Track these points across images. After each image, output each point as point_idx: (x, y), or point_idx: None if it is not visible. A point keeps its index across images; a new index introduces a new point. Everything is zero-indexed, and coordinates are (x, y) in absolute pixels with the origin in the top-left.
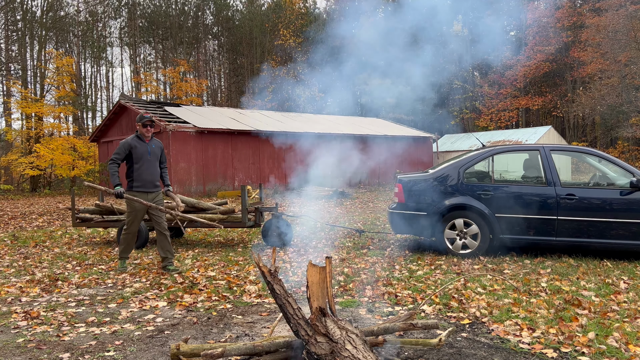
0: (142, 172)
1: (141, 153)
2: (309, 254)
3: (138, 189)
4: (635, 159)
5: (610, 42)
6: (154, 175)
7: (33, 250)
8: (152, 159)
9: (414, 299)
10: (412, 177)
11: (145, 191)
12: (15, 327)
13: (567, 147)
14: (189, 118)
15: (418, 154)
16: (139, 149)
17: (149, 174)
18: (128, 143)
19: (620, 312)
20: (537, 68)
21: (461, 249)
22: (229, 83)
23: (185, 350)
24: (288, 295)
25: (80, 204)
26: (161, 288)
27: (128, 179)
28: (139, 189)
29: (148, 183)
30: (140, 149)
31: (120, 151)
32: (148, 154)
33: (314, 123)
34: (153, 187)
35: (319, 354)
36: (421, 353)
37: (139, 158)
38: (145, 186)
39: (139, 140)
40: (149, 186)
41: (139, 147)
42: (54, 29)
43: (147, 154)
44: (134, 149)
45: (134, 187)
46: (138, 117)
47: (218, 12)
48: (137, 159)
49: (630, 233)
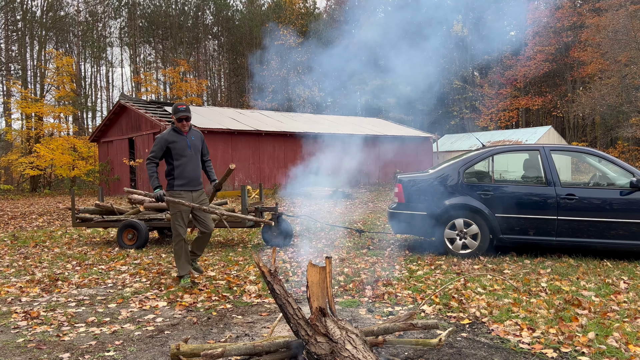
0: (183, 169)
1: (181, 148)
2: (309, 254)
3: (180, 189)
4: (635, 159)
5: (610, 42)
6: (197, 172)
7: (33, 250)
8: (193, 153)
9: (414, 299)
10: (412, 177)
11: (188, 190)
12: (15, 327)
13: (567, 147)
14: None
15: (418, 154)
16: (177, 143)
17: (191, 171)
18: (164, 138)
19: (620, 312)
20: (537, 68)
21: (461, 249)
22: (229, 83)
23: (185, 350)
24: (288, 295)
25: (80, 204)
26: (161, 288)
27: (168, 177)
28: (182, 188)
29: (191, 181)
30: (180, 144)
31: (156, 148)
32: (188, 148)
33: (314, 123)
34: (197, 184)
35: (319, 354)
36: (421, 353)
37: (179, 154)
38: (188, 184)
39: (176, 133)
40: (193, 184)
41: (178, 142)
42: (54, 29)
43: (187, 147)
44: (172, 145)
45: (175, 186)
46: (173, 108)
47: (218, 12)
48: (177, 155)
49: (630, 233)
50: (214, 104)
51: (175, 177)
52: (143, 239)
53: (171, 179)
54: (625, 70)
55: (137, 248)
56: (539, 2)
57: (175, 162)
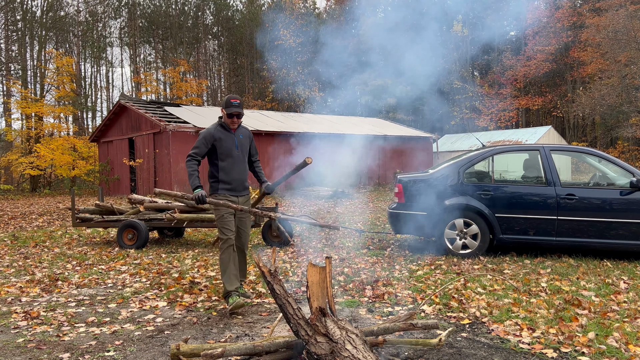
0: (229, 171)
1: (227, 147)
2: (309, 254)
3: (225, 192)
4: (635, 159)
5: (610, 42)
6: (244, 174)
7: (33, 250)
8: (240, 154)
9: (414, 299)
10: (412, 177)
11: (234, 195)
12: (15, 327)
13: (567, 147)
14: (189, 118)
15: (418, 154)
16: (224, 141)
17: (237, 173)
18: (211, 134)
19: (620, 312)
20: (537, 68)
21: (461, 249)
22: (229, 83)
23: (185, 350)
24: (288, 295)
25: (80, 204)
26: (161, 288)
27: (211, 180)
28: (226, 192)
29: (237, 184)
30: (226, 142)
31: (200, 144)
32: (236, 147)
33: (314, 123)
34: (243, 189)
35: (319, 354)
36: (421, 353)
37: (225, 153)
38: (234, 189)
39: (223, 129)
40: (239, 188)
41: (225, 139)
42: (54, 29)
43: (235, 147)
44: (218, 142)
45: (219, 190)
46: (224, 101)
47: (218, 12)
48: (223, 154)
49: (630, 233)
50: (214, 104)
51: (219, 180)
52: (143, 239)
53: (214, 182)
54: (625, 70)
55: (137, 248)
56: (539, 2)
57: (221, 162)
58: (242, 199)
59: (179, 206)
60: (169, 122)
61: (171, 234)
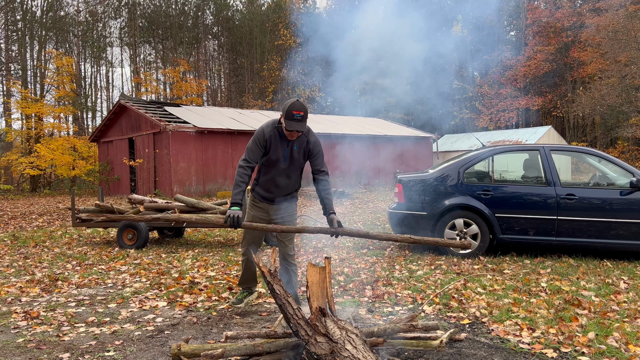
0: (268, 181)
1: (275, 156)
2: (309, 254)
3: (259, 196)
4: (635, 159)
5: (610, 42)
6: (286, 188)
7: (33, 250)
8: (287, 168)
9: (414, 299)
10: (412, 177)
11: (267, 201)
12: (15, 327)
13: (567, 147)
14: (189, 118)
15: (418, 154)
16: (273, 149)
17: (276, 187)
18: (263, 137)
19: (620, 312)
20: (537, 68)
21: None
22: (229, 83)
23: (186, 350)
24: (288, 295)
25: (80, 204)
26: (161, 288)
27: (255, 179)
28: (260, 196)
29: (275, 196)
30: (276, 150)
31: (254, 147)
32: (284, 160)
33: (315, 123)
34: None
35: (319, 354)
36: (421, 353)
37: (271, 163)
38: (269, 199)
39: (278, 134)
40: (275, 199)
41: (275, 147)
42: (54, 29)
43: (283, 159)
44: (269, 148)
45: (255, 192)
46: (286, 109)
47: (218, 12)
48: (269, 162)
49: (630, 233)
50: (214, 104)
51: (259, 183)
52: (143, 239)
53: (255, 183)
54: (625, 70)
55: (137, 248)
56: (539, 2)
57: (264, 168)
58: (275, 206)
59: (178, 206)
60: (169, 122)
61: (171, 234)
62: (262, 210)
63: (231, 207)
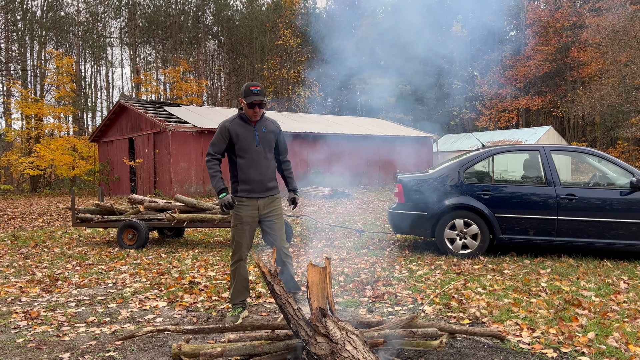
0: (247, 170)
1: (246, 141)
2: (309, 254)
3: (244, 195)
4: (635, 159)
5: (610, 42)
6: (265, 173)
7: (33, 250)
8: (261, 149)
9: (414, 299)
10: (412, 177)
11: (253, 197)
12: (15, 327)
13: (567, 147)
14: (189, 118)
15: (418, 154)
16: (242, 135)
17: (257, 172)
18: (226, 127)
19: (620, 312)
20: (537, 68)
21: (461, 249)
22: (229, 83)
23: (186, 350)
24: (288, 296)
25: (80, 204)
26: (161, 288)
27: (231, 179)
28: (245, 194)
29: (258, 185)
30: (245, 136)
31: (217, 140)
32: (256, 143)
33: (314, 123)
34: (265, 189)
35: (319, 354)
36: (421, 353)
37: (243, 149)
38: (253, 190)
39: (242, 122)
40: (259, 189)
41: (243, 133)
42: (54, 29)
43: (255, 142)
44: (235, 136)
45: (238, 191)
46: (244, 89)
47: (218, 12)
48: (240, 149)
49: (630, 233)
50: (214, 104)
51: (238, 180)
52: (143, 239)
53: (234, 182)
54: (625, 70)
55: (137, 248)
56: (539, 2)
57: (239, 159)
58: (263, 201)
59: (178, 206)
60: (169, 122)
61: (171, 234)
62: (252, 208)
63: (219, 194)
